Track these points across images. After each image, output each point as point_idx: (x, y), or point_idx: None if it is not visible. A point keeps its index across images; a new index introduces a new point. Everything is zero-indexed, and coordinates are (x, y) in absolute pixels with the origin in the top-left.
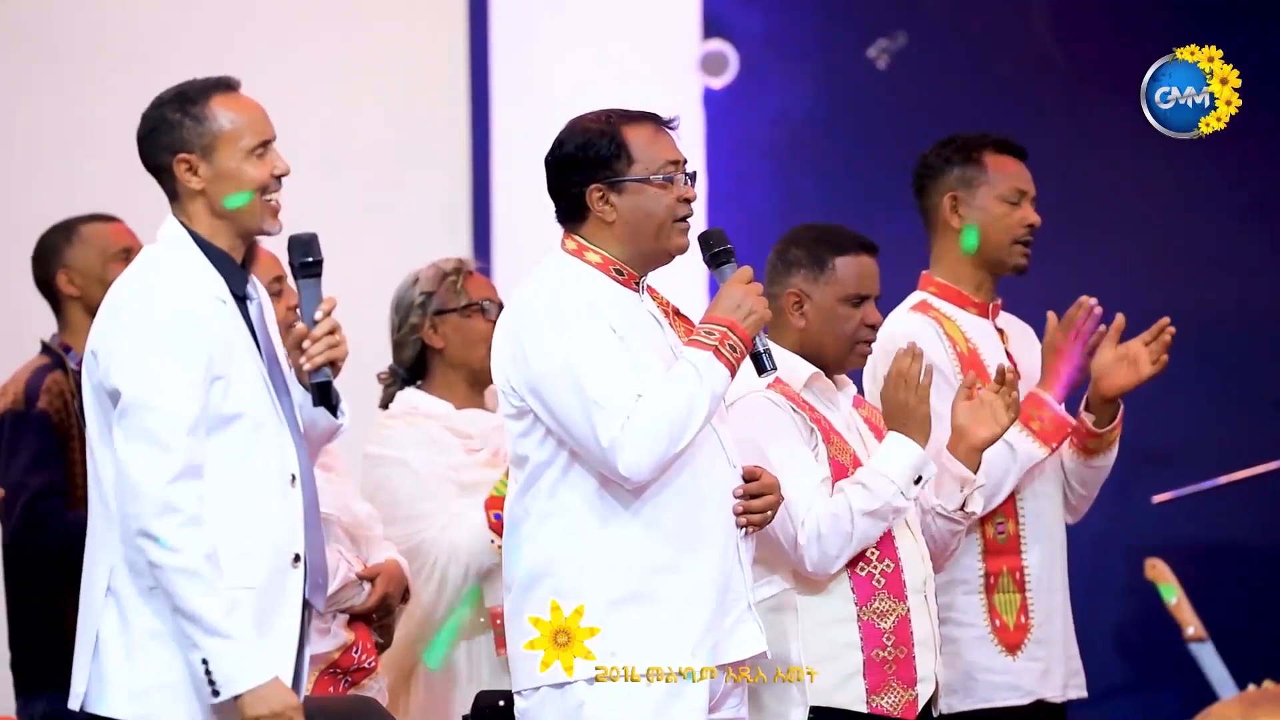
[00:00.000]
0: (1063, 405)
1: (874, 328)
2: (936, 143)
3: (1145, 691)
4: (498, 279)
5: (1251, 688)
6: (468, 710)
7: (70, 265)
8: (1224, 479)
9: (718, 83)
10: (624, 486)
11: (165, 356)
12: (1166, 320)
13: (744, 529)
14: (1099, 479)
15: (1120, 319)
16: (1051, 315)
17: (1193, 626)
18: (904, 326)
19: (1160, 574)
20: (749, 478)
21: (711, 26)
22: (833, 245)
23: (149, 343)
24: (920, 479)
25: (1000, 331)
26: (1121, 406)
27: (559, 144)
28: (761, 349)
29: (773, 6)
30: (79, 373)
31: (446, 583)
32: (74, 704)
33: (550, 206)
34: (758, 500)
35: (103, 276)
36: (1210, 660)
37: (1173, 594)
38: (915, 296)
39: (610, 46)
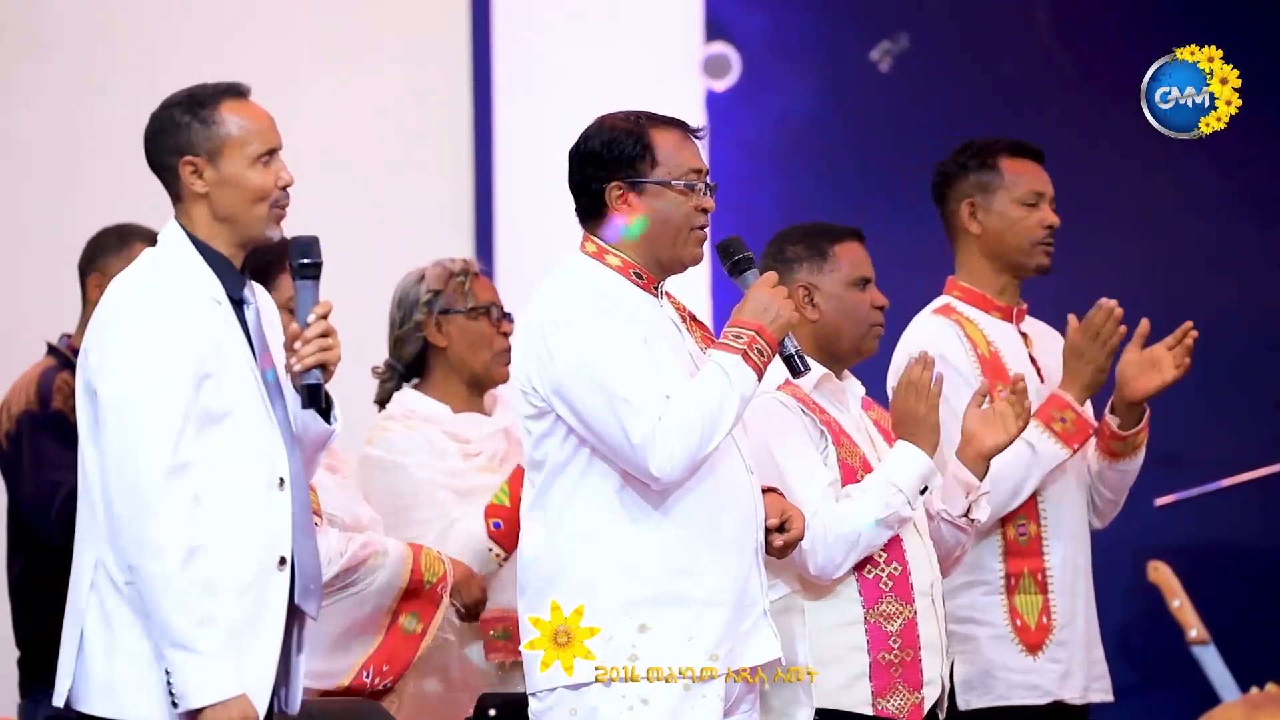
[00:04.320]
0: (1084, 406)
1: (882, 308)
2: (954, 150)
3: (1148, 694)
4: (500, 280)
5: (1254, 690)
6: (469, 713)
7: (105, 272)
8: (1226, 481)
9: (720, 85)
10: (652, 487)
11: (150, 358)
12: (1189, 324)
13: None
14: (1126, 483)
15: (1145, 324)
16: (1072, 318)
17: (1195, 629)
18: (926, 330)
19: (1163, 577)
20: (781, 525)
21: (714, 29)
22: (827, 235)
23: (134, 344)
24: (926, 489)
25: (1024, 335)
26: (1147, 410)
27: (585, 139)
28: (793, 350)
29: (775, 9)
30: None
31: None
32: (58, 701)
33: (552, 207)
34: (790, 534)
35: None
36: (1213, 663)
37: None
38: (940, 300)
39: (613, 49)
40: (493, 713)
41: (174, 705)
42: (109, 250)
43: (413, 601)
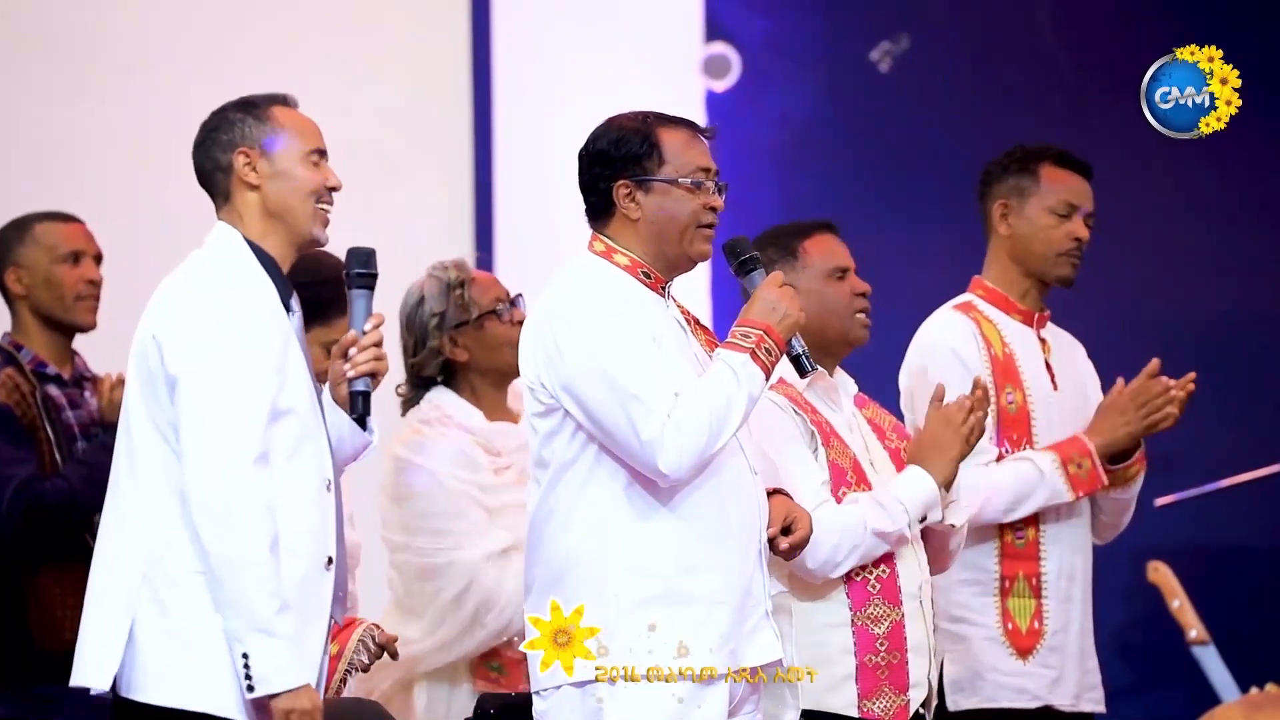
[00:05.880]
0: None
1: (865, 295)
2: (1005, 150)
3: (1147, 695)
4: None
5: (1254, 690)
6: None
7: (19, 264)
8: (1226, 482)
9: (720, 86)
10: (660, 484)
11: (239, 344)
12: (1193, 375)
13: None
14: (1121, 509)
15: (1191, 384)
16: (1120, 380)
17: (1195, 629)
18: (943, 325)
19: (1163, 577)
20: (786, 528)
21: (714, 30)
22: (796, 233)
23: (221, 330)
24: (925, 518)
25: (1043, 341)
26: (1142, 444)
27: (593, 139)
28: (800, 350)
29: (775, 10)
30: (38, 370)
31: (481, 625)
32: (100, 687)
33: (552, 207)
34: (796, 536)
35: (48, 277)
36: (1213, 663)
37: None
38: (962, 297)
39: (613, 49)
40: (492, 712)
41: (249, 690)
42: (14, 242)
43: None
